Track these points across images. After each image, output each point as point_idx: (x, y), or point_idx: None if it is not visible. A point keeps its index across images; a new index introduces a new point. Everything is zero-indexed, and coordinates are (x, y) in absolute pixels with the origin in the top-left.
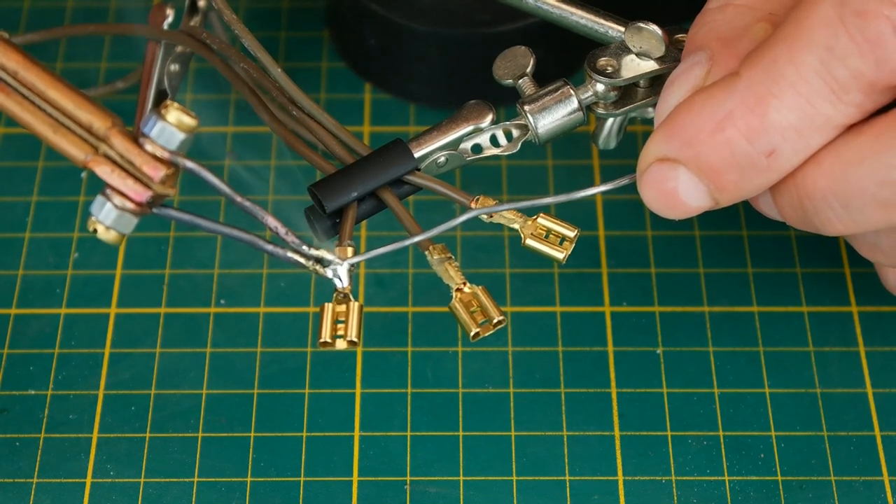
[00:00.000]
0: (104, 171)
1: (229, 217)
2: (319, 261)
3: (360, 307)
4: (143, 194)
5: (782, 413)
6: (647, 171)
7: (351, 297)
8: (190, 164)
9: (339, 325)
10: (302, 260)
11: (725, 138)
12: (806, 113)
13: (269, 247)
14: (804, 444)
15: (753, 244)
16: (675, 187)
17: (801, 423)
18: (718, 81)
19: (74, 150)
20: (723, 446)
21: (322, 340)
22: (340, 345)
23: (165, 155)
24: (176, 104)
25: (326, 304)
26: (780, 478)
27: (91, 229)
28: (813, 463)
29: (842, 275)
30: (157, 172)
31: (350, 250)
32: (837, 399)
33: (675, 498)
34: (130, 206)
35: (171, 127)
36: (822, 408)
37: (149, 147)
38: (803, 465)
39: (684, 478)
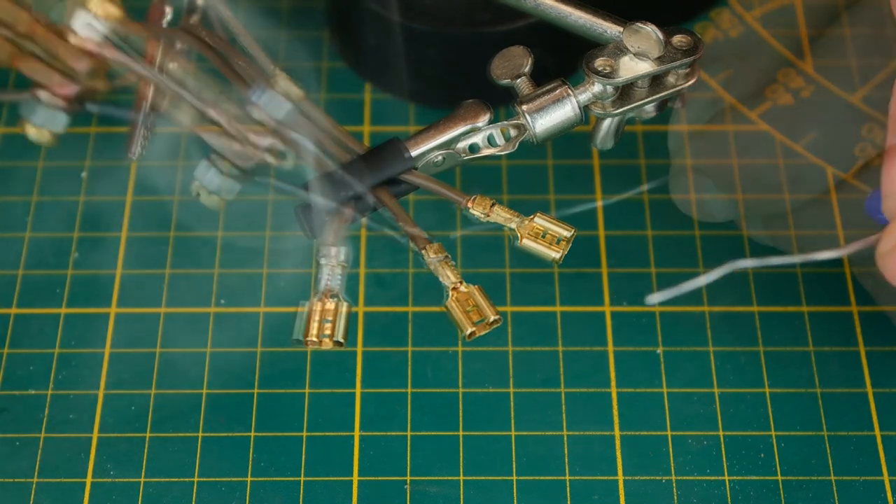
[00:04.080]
0: (30, 69)
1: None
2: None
3: (349, 307)
4: (69, 88)
5: (782, 413)
6: None
7: (340, 297)
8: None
9: (327, 325)
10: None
11: None
12: None
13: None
14: (804, 443)
15: (753, 244)
16: None
17: (801, 422)
18: None
19: None
20: (723, 446)
21: (308, 339)
22: (326, 344)
23: (91, 47)
24: None
25: (316, 302)
26: (780, 478)
27: (23, 131)
28: (813, 463)
29: (842, 275)
30: (82, 64)
31: (344, 250)
32: (837, 399)
33: (675, 498)
34: (58, 101)
35: (92, 16)
36: (822, 408)
37: (73, 39)
38: (803, 465)
39: (684, 478)
